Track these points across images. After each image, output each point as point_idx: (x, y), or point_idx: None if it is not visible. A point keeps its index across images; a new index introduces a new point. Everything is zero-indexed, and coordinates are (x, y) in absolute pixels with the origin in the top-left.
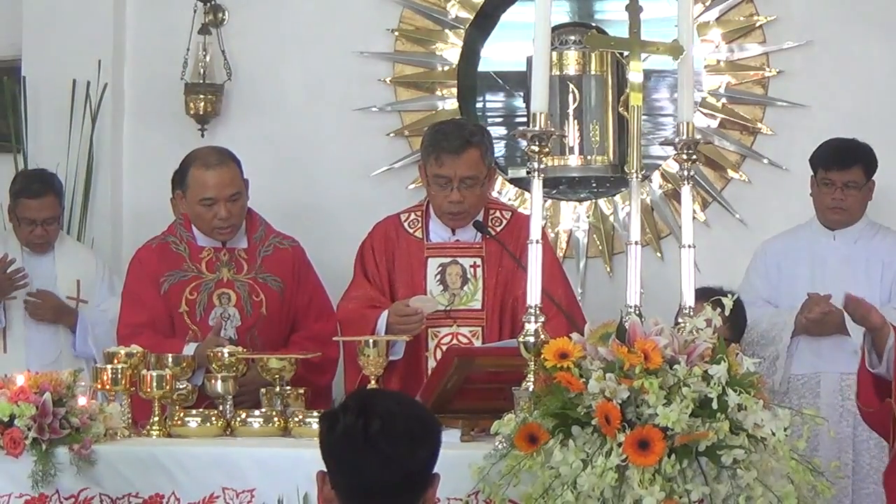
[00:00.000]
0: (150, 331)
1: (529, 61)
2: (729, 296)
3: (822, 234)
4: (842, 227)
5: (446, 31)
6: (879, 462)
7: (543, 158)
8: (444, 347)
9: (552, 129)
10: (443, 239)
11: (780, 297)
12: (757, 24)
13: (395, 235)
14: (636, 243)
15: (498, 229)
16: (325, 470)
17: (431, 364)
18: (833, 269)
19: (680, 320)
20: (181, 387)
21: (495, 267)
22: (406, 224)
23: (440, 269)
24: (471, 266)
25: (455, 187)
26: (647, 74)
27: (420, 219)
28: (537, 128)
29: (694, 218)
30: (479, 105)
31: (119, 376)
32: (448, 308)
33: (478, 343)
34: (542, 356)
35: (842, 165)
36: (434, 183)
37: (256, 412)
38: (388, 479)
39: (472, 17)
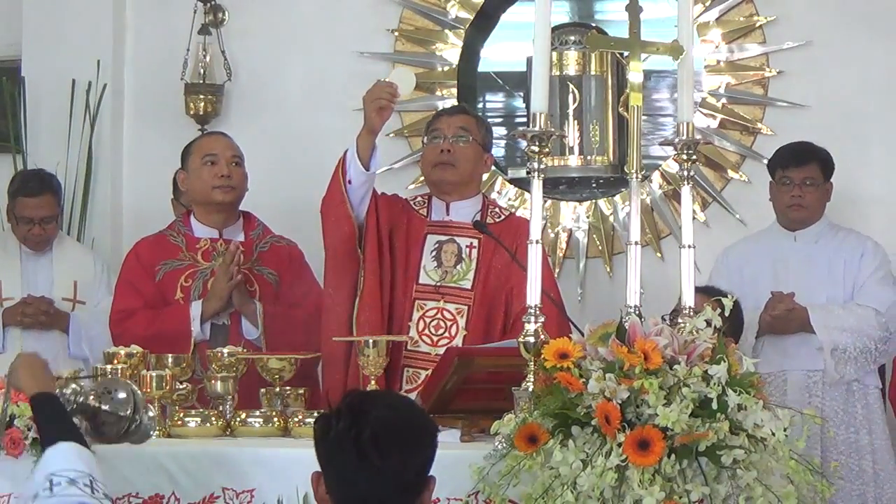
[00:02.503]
0: (142, 310)
1: (529, 61)
2: (729, 296)
3: (782, 237)
4: (802, 227)
5: (446, 31)
6: (847, 458)
7: (543, 159)
8: (428, 320)
9: (552, 130)
10: (441, 217)
11: (744, 300)
12: (757, 25)
13: (402, 209)
14: (636, 243)
15: (497, 221)
16: (320, 471)
17: (413, 334)
18: (795, 269)
19: (679, 320)
20: (181, 387)
21: (491, 252)
22: (413, 203)
23: (437, 245)
24: (467, 246)
25: (447, 139)
26: (647, 74)
27: (425, 200)
28: (537, 128)
29: (694, 218)
30: (479, 105)
31: (119, 376)
32: (438, 284)
33: (462, 321)
34: (542, 356)
35: (799, 162)
36: (429, 140)
37: (256, 412)
38: (380, 490)
39: (472, 17)
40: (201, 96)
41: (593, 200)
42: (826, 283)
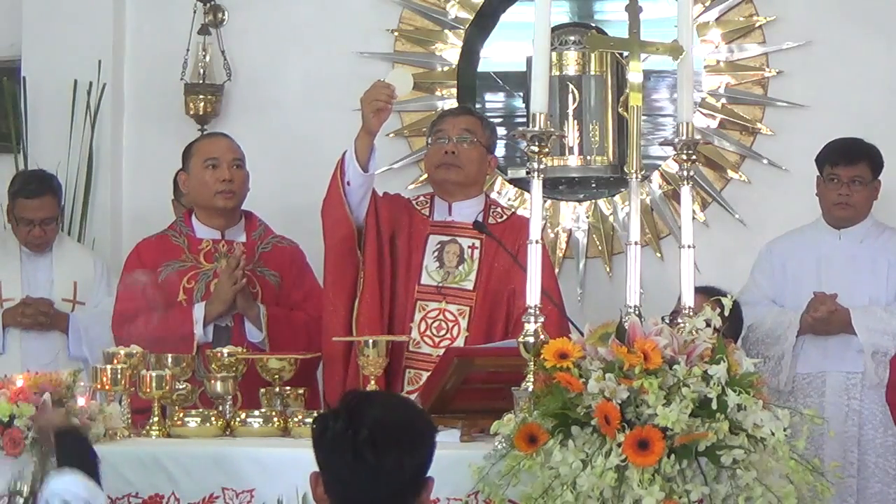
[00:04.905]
0: (145, 313)
1: (529, 61)
2: (729, 296)
3: (827, 234)
4: (848, 225)
5: (446, 31)
6: (885, 461)
7: (543, 159)
8: (430, 321)
9: (552, 130)
10: (444, 218)
11: (785, 296)
12: (756, 25)
13: (404, 209)
14: (636, 243)
15: (499, 221)
16: (319, 471)
17: (415, 335)
18: (839, 268)
19: (679, 320)
20: (181, 387)
21: (492, 252)
22: (415, 202)
23: (439, 245)
24: (469, 247)
25: (452, 140)
26: (647, 75)
27: (427, 200)
28: (537, 128)
29: (693, 218)
30: (478, 105)
31: (119, 376)
32: (440, 284)
33: (464, 322)
34: (542, 356)
35: (848, 161)
36: (433, 141)
37: (256, 412)
38: (377, 491)
39: (472, 17)
40: (201, 96)
41: (593, 200)
42: (869, 283)
